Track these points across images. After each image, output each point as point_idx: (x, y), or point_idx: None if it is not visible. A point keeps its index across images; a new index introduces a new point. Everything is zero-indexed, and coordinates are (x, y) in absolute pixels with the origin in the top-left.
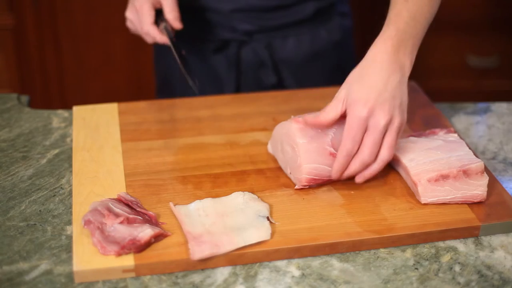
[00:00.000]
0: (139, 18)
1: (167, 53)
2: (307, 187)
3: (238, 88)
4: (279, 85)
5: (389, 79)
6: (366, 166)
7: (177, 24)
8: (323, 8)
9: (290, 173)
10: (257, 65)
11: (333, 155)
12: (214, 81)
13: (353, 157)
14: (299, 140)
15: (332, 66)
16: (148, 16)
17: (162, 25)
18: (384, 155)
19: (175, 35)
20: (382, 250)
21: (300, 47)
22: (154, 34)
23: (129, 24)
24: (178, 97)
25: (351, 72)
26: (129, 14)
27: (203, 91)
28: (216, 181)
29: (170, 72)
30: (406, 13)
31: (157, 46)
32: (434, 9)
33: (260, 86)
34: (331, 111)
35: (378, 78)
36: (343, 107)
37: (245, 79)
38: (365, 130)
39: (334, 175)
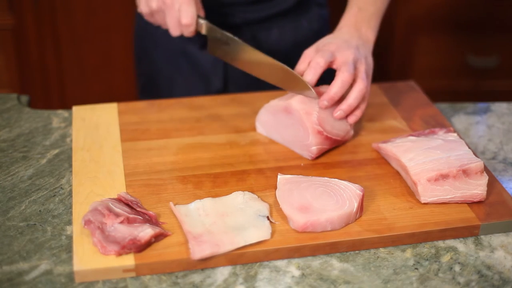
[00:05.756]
0: (181, 10)
1: (151, 52)
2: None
3: (225, 84)
4: None
5: (353, 41)
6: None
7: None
8: None
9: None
10: None
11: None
12: (200, 79)
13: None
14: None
15: None
16: (194, 8)
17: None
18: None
19: None
20: (382, 250)
21: (283, 37)
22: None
23: (152, 13)
24: (163, 97)
25: (322, 38)
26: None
27: (190, 91)
28: (216, 181)
29: (155, 71)
30: None
31: (138, 45)
32: None
33: (247, 79)
34: (321, 59)
35: (345, 38)
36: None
37: (232, 74)
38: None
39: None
